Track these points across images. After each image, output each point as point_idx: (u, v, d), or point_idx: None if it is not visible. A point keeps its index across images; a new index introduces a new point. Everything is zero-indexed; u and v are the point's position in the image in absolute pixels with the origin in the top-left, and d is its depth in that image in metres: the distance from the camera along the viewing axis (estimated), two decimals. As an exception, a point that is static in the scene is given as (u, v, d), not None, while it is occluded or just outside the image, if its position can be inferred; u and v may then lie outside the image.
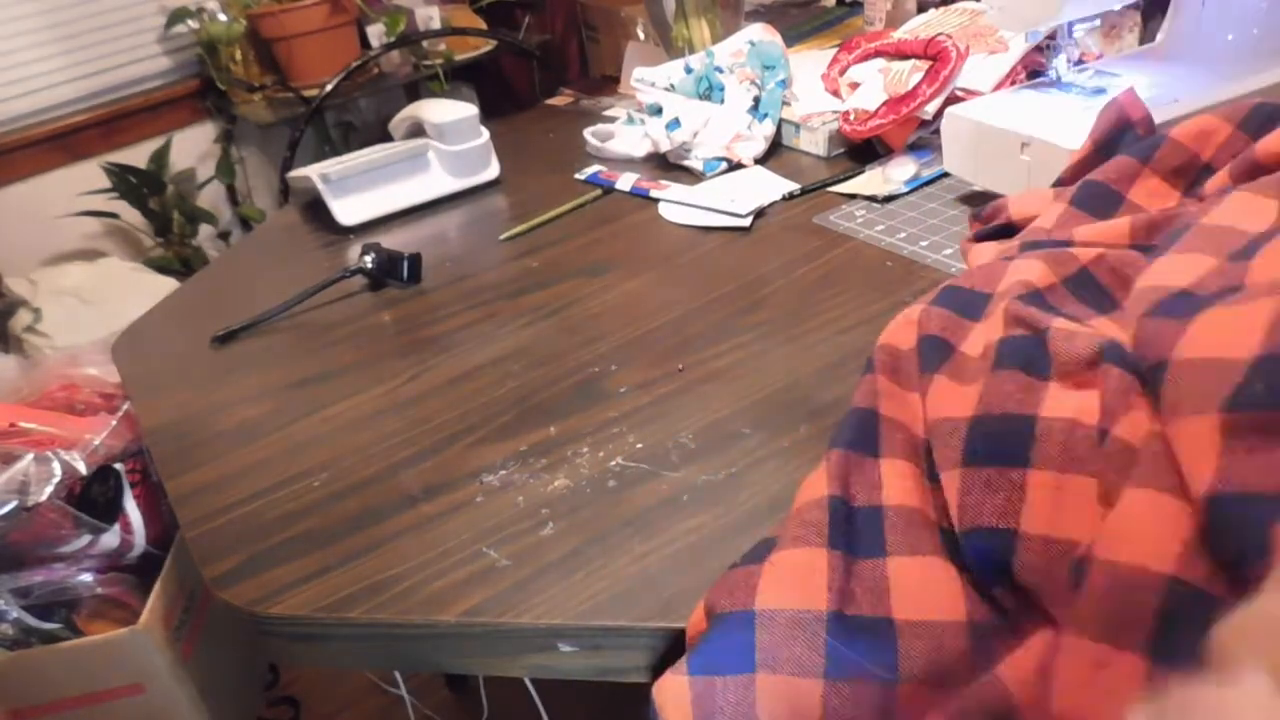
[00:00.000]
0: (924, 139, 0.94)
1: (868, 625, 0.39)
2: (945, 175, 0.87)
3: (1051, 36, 0.82)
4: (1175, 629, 0.31)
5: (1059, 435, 0.39)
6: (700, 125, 1.01)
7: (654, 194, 0.97)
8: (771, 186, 0.93)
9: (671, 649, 0.46)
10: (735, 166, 1.00)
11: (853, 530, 0.43)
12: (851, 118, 0.96)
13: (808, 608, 0.39)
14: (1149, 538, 0.33)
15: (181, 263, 2.07)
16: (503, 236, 0.95)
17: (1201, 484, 0.32)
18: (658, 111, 1.05)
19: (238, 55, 2.00)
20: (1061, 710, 0.32)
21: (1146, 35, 0.93)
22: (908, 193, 0.87)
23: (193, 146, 2.14)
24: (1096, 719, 0.31)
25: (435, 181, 1.05)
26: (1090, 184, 0.59)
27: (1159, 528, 0.33)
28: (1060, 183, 0.66)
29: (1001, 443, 0.41)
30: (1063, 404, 0.40)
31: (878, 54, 1.01)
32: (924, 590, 0.40)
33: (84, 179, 1.98)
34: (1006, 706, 0.35)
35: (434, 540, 0.54)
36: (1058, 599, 0.36)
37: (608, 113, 1.26)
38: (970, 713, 0.36)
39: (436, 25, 1.97)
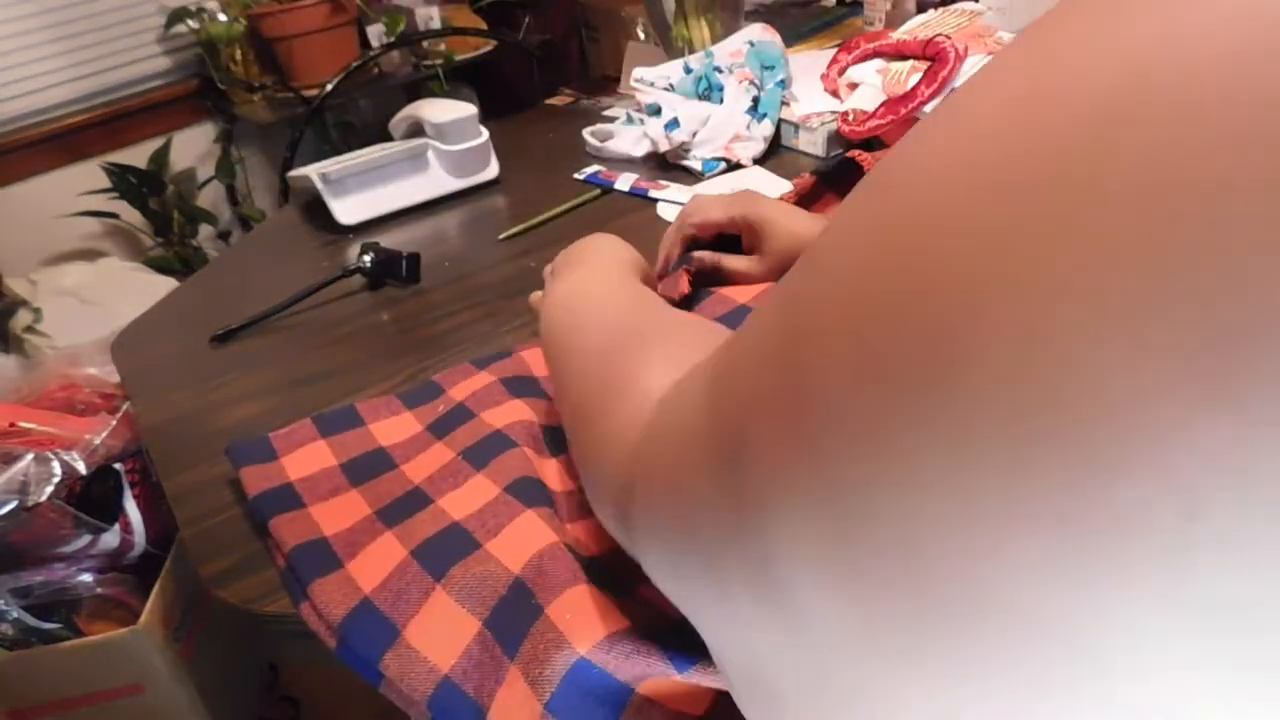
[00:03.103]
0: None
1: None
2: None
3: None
4: None
5: None
6: (699, 125, 1.01)
7: (653, 194, 0.98)
8: (770, 187, 0.93)
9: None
10: (734, 167, 1.00)
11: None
12: (850, 118, 0.96)
13: None
14: None
15: (181, 263, 2.07)
16: (502, 236, 0.95)
17: None
18: (657, 111, 1.05)
19: (238, 55, 2.00)
20: None
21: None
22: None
23: (193, 146, 2.14)
24: None
25: (435, 181, 1.05)
26: None
27: None
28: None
29: None
30: None
31: (876, 54, 1.01)
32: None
33: (84, 179, 1.98)
34: None
35: (432, 539, 0.54)
36: None
37: (607, 113, 1.26)
38: None
39: (436, 25, 1.97)
